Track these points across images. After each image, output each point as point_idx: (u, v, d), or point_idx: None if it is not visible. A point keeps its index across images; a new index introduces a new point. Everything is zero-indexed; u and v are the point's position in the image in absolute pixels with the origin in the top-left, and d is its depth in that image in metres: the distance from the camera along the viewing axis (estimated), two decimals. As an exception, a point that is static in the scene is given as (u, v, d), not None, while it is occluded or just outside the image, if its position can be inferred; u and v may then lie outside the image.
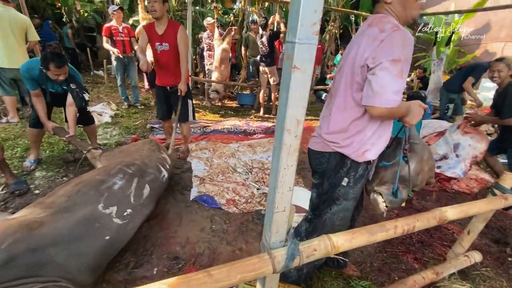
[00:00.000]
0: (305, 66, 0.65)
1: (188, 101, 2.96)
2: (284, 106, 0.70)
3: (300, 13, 0.60)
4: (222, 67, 5.09)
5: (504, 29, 7.05)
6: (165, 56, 2.69)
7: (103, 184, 1.75)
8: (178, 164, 2.90)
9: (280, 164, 0.75)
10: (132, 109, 4.86)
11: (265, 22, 4.75)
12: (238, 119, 4.82)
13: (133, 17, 7.57)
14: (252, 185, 2.61)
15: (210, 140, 3.72)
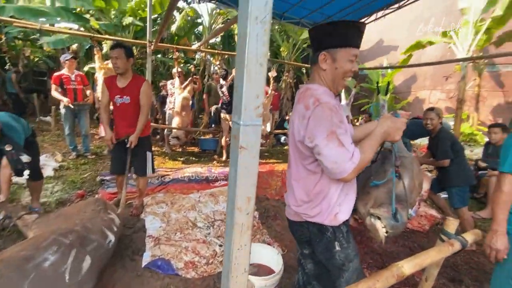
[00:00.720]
0: (251, 145, 0.65)
1: (148, 154, 2.80)
2: (233, 185, 0.67)
3: (243, 99, 0.62)
4: (183, 114, 5.08)
5: (427, 80, 8.45)
6: (125, 109, 2.61)
7: (30, 262, 1.46)
8: (130, 223, 2.61)
9: (232, 245, 0.70)
10: (81, 160, 4.45)
11: (225, 73, 5.03)
12: (200, 165, 4.70)
13: (89, 64, 7.42)
14: (214, 241, 2.42)
15: (168, 191, 3.49)
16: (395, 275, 1.10)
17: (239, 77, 0.63)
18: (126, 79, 2.57)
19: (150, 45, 4.40)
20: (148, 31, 4.40)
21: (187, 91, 5.13)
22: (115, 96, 2.57)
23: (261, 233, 2.63)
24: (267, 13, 0.60)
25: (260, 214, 2.99)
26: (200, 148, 5.89)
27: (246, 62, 0.60)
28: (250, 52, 0.60)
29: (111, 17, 7.12)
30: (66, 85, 4.27)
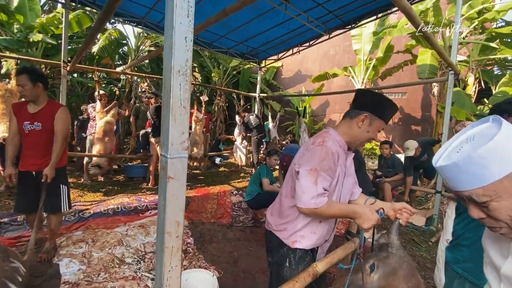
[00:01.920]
0: (178, 175, 0.76)
1: (62, 187, 2.46)
2: (163, 211, 0.75)
3: (170, 135, 0.73)
4: (106, 139, 4.66)
5: (337, 104, 10.02)
6: (34, 137, 2.30)
7: None
8: (39, 271, 2.22)
9: (163, 268, 0.76)
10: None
11: (153, 95, 4.93)
12: (126, 195, 4.32)
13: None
14: (144, 276, 2.27)
15: (89, 227, 3.10)
16: (311, 274, 1.31)
17: (165, 117, 0.74)
18: (39, 104, 2.32)
19: (65, 66, 4.00)
20: (63, 50, 4.02)
21: (111, 114, 4.78)
22: (23, 122, 2.28)
23: (197, 259, 2.60)
24: (188, 67, 0.74)
25: (195, 240, 2.95)
26: (127, 175, 5.44)
27: (171, 106, 0.72)
28: (174, 97, 0.73)
29: (13, 32, 6.16)
30: None
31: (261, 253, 2.78)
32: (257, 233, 3.30)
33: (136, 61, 5.49)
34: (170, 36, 0.71)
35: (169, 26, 0.71)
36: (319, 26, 4.90)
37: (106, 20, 1.94)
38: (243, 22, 4.77)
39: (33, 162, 2.34)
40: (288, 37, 5.49)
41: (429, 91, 7.94)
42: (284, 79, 11.22)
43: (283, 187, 1.42)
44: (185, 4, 0.70)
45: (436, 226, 3.70)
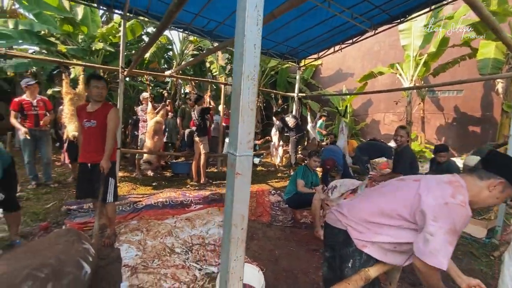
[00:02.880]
0: (245, 172, 0.82)
1: (110, 180, 2.74)
2: (230, 205, 0.82)
3: (239, 135, 0.79)
4: (155, 138, 5.07)
5: (381, 103, 9.46)
6: (91, 133, 2.66)
7: (3, 301, 1.39)
8: (103, 254, 2.52)
9: (229, 256, 0.83)
10: (42, 189, 4.16)
11: (196, 97, 5.21)
12: (173, 190, 4.64)
13: (52, 87, 7.10)
14: (193, 266, 2.43)
15: (142, 218, 3.41)
16: (362, 277, 1.29)
17: (234, 119, 0.81)
18: (97, 104, 2.68)
19: (123, 71, 4.44)
20: (121, 57, 4.47)
21: (160, 115, 5.18)
22: (83, 120, 2.67)
23: (240, 254, 2.69)
24: (255, 72, 0.79)
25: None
26: (173, 171, 5.83)
27: (241, 108, 0.78)
28: (244, 100, 0.78)
29: (78, 42, 7.01)
30: (26, 111, 4.07)
31: (301, 254, 2.78)
32: (297, 233, 3.29)
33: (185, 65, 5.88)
34: (241, 43, 0.77)
35: (240, 34, 0.77)
36: (364, 22, 4.70)
37: (164, 28, 2.12)
38: (284, 22, 4.78)
39: (89, 155, 2.68)
40: (330, 35, 5.35)
41: (491, 88, 7.07)
42: (323, 78, 10.94)
43: (375, 198, 1.38)
44: (255, 13, 0.76)
45: (499, 239, 3.30)
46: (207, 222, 3.30)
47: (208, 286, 2.18)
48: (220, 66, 8.84)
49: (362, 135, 9.58)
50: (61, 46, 6.57)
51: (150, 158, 5.08)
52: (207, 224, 3.26)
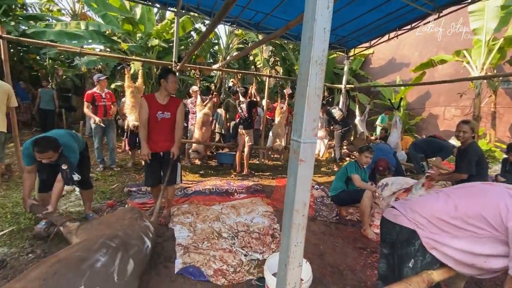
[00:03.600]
0: (308, 159, 0.81)
1: (178, 164, 3.03)
2: (292, 191, 0.82)
3: (304, 122, 0.78)
4: (203, 129, 5.33)
5: (442, 96, 8.48)
6: (164, 124, 2.85)
7: (85, 262, 1.62)
8: (160, 232, 2.77)
9: (290, 241, 0.84)
10: (108, 172, 4.71)
11: (244, 90, 5.31)
12: (218, 178, 4.86)
13: (114, 82, 7.92)
14: (239, 251, 2.54)
15: (192, 202, 3.65)
16: (425, 280, 1.20)
17: (299, 106, 0.80)
18: (167, 97, 2.85)
19: (175, 66, 4.74)
20: (174, 52, 4.76)
21: (208, 107, 5.41)
22: (157, 112, 2.79)
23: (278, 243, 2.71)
24: (324, 57, 0.77)
25: (281, 226, 3.08)
26: (218, 162, 6.09)
27: (307, 94, 0.77)
28: (311, 86, 0.77)
29: (136, 39, 7.66)
30: (97, 102, 4.62)
31: (348, 251, 2.69)
32: (343, 230, 3.19)
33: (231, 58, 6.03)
34: (311, 27, 0.75)
35: (309, 18, 0.76)
36: (426, 5, 4.23)
37: (220, 20, 2.19)
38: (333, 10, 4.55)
39: (162, 145, 2.89)
40: (384, 21, 4.95)
41: None
42: (374, 68, 10.20)
43: (457, 200, 1.25)
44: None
45: None
46: (251, 211, 3.39)
47: (253, 271, 2.25)
48: (264, 58, 8.84)
49: (417, 130, 8.75)
50: (122, 44, 7.26)
51: (198, 148, 5.37)
52: (251, 213, 3.35)
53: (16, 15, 8.12)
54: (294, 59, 8.80)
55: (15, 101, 3.55)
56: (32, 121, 8.52)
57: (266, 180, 5.05)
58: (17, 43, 7.79)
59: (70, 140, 2.55)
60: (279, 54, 9.07)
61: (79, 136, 2.86)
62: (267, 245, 2.67)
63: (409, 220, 1.30)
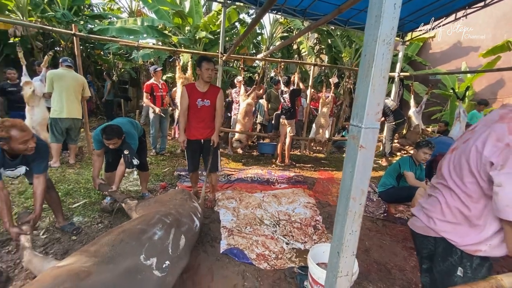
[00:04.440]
0: (369, 146, 0.77)
1: (218, 152, 3.15)
2: (349, 178, 0.80)
3: (367, 106, 0.74)
4: (245, 119, 5.43)
5: (518, 85, 7.25)
6: (205, 111, 2.94)
7: (144, 234, 1.81)
8: (206, 214, 2.94)
9: (345, 229, 0.82)
10: (160, 157, 5.12)
11: (287, 79, 5.23)
12: (260, 167, 4.94)
13: (165, 74, 8.46)
14: (280, 238, 2.57)
15: (235, 189, 3.79)
16: (493, 286, 1.07)
17: (362, 88, 0.76)
18: (206, 85, 2.93)
19: (222, 56, 4.86)
20: (221, 43, 4.88)
21: (251, 97, 5.47)
22: (197, 99, 2.90)
23: (326, 237, 2.67)
24: (392, 35, 0.71)
25: (323, 219, 3.03)
26: (259, 151, 6.17)
27: (372, 75, 0.73)
28: (376, 67, 0.73)
29: (185, 32, 8.04)
30: (155, 93, 5.00)
31: (397, 250, 2.53)
32: (391, 227, 3.00)
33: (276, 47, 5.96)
34: (379, 5, 0.70)
35: (378, -7, 0.70)
36: (508, -24, 3.59)
37: (267, 9, 2.16)
38: (390, -10, 4.15)
39: (202, 132, 3.01)
40: None
41: None
42: (434, 54, 9.12)
43: (449, 185, 1.14)
44: (400, -34, 0.67)
45: None
46: (292, 201, 3.39)
47: (295, 260, 2.27)
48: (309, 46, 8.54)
49: (484, 124, 7.64)
50: (173, 37, 7.69)
51: (241, 137, 5.50)
52: (292, 203, 3.35)
53: (84, 15, 9.14)
54: (342, 46, 8.32)
55: (88, 91, 4.05)
56: (97, 110, 9.62)
57: (308, 171, 4.98)
58: (85, 40, 8.79)
59: (131, 128, 2.84)
60: (324, 41, 8.67)
61: (138, 124, 3.15)
62: (309, 236, 2.65)
63: (432, 229, 1.15)
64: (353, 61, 8.34)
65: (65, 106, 3.64)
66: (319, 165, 5.54)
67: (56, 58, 4.51)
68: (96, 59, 10.79)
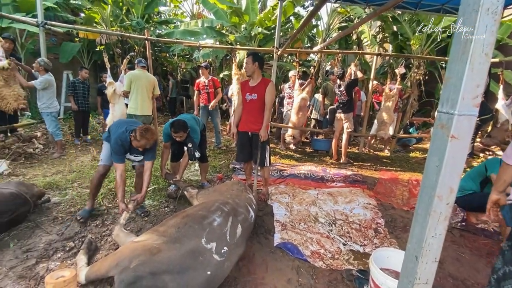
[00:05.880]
0: (463, 136, 0.66)
1: (267, 147, 3.14)
2: (435, 173, 0.69)
3: (462, 87, 0.63)
4: (299, 114, 5.32)
5: None
6: (252, 105, 3.03)
7: (205, 220, 1.93)
8: (260, 206, 2.99)
9: (426, 231, 0.72)
10: (216, 150, 5.41)
11: (341, 72, 4.92)
12: (313, 164, 4.79)
13: (223, 71, 8.86)
14: (337, 238, 2.45)
15: (288, 184, 3.76)
16: None
17: (456, 68, 0.65)
18: (256, 80, 3.00)
19: (277, 51, 4.84)
20: (276, 38, 4.86)
21: (306, 91, 5.33)
22: (246, 94, 3.04)
23: (389, 242, 2.44)
24: (499, 3, 0.59)
25: (386, 222, 2.78)
26: (313, 147, 5.99)
27: (471, 52, 0.61)
28: (477, 42, 0.61)
29: (241, 30, 8.26)
30: (202, 90, 5.30)
31: (479, 266, 2.17)
32: (471, 239, 2.58)
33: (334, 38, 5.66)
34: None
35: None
36: None
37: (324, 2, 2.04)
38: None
39: (250, 125, 3.08)
40: None
41: None
42: (533, 34, 7.44)
43: None
44: None
45: None
46: (350, 201, 3.20)
47: (353, 262, 2.14)
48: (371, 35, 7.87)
49: None
50: (230, 36, 7.99)
51: (294, 133, 5.42)
52: (350, 203, 3.16)
53: (154, 21, 10.18)
54: (411, 32, 7.42)
55: (158, 90, 4.51)
56: (163, 107, 10.67)
57: (367, 171, 4.63)
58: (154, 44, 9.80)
59: (194, 124, 3.12)
60: (389, 29, 7.86)
61: (199, 120, 3.41)
62: (369, 239, 2.47)
63: None
64: (424, 49, 7.38)
65: (139, 104, 4.13)
66: (381, 164, 5.10)
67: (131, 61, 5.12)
68: (162, 61, 11.96)
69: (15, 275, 1.82)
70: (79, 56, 8.17)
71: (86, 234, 2.34)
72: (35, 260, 1.97)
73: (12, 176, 3.50)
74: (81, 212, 2.55)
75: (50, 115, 4.36)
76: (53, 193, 3.10)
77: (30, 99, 6.01)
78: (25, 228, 2.38)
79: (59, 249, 2.13)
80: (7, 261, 1.95)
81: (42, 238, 2.25)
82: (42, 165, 4.05)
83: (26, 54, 6.53)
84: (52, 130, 4.46)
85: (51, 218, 2.58)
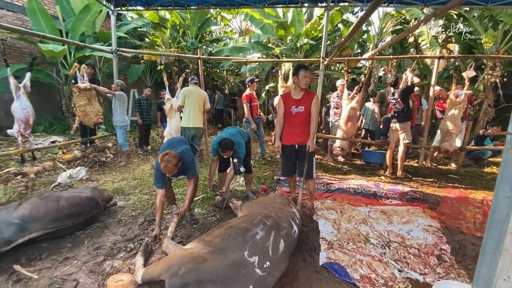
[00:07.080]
0: (544, 162, 0.54)
1: (314, 158, 3.07)
2: (506, 206, 0.59)
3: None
4: (348, 124, 5.07)
5: None
6: (299, 118, 2.99)
7: (248, 232, 1.94)
8: (305, 222, 2.90)
9: (496, 273, 0.61)
10: (261, 161, 5.47)
11: (394, 79, 4.54)
12: (364, 178, 4.47)
13: (269, 84, 9.04)
14: (391, 263, 2.21)
15: (335, 199, 3.57)
16: None
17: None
18: (300, 92, 2.97)
19: (323, 61, 4.75)
20: (323, 47, 4.78)
21: (355, 101, 5.07)
22: (291, 107, 2.99)
23: (457, 273, 2.10)
24: None
25: (452, 249, 2.41)
26: (364, 160, 5.60)
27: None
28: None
29: (287, 42, 8.36)
30: (252, 102, 5.43)
31: None
32: None
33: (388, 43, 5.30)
34: None
35: None
36: None
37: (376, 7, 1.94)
38: None
39: (297, 138, 3.03)
40: None
41: None
42: None
43: None
44: None
45: None
46: (407, 222, 2.88)
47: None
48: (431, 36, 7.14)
49: None
50: (276, 49, 8.15)
51: (343, 144, 5.18)
52: (408, 223, 2.84)
53: (206, 40, 11.02)
54: (482, 30, 6.50)
55: (208, 104, 4.83)
56: (213, 119, 11.32)
57: (429, 187, 4.12)
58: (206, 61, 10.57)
59: (240, 138, 3.26)
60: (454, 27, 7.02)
61: (245, 132, 3.55)
62: (431, 267, 2.17)
63: None
64: (499, 47, 6.38)
65: (191, 118, 4.46)
66: (446, 180, 4.49)
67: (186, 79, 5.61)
68: (213, 76, 12.78)
69: (87, 269, 2.10)
70: (143, 75, 9.30)
71: (144, 237, 2.58)
72: (103, 258, 2.25)
73: (89, 182, 4.10)
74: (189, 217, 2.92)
75: (122, 128, 5.03)
76: (118, 197, 3.52)
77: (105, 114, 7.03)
78: (96, 227, 2.74)
79: (122, 249, 2.39)
80: (82, 256, 2.26)
81: (109, 238, 2.56)
82: (112, 172, 4.65)
83: (103, 77, 7.68)
84: (121, 141, 5.11)
85: (117, 220, 2.92)
